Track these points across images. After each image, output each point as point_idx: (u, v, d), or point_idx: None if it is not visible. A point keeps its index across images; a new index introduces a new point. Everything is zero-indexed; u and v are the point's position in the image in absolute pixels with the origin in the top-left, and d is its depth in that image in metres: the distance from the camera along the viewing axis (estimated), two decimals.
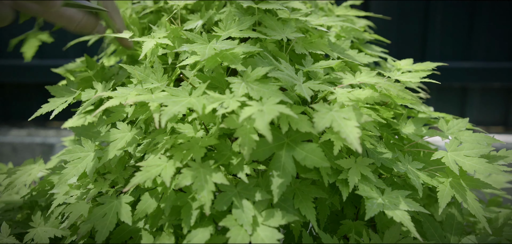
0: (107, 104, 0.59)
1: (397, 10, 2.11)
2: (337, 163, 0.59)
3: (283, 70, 0.60)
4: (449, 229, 0.66)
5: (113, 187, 0.65)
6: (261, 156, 0.56)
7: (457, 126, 0.71)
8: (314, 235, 0.66)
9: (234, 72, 0.69)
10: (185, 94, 0.57)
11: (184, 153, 0.57)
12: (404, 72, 0.75)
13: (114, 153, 0.63)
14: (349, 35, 0.84)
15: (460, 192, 0.63)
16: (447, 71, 2.09)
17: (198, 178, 0.54)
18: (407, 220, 0.56)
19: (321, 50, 0.70)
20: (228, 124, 0.55)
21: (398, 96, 0.63)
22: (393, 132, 0.73)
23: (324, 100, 0.62)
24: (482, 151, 0.65)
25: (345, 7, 0.97)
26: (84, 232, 0.61)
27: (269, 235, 0.53)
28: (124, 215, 0.59)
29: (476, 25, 2.10)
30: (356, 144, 0.50)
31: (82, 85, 0.76)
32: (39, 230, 0.67)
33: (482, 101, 2.21)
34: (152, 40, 0.69)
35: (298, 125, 0.55)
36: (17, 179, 0.74)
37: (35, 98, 2.26)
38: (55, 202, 0.66)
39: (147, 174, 0.55)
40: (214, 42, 0.63)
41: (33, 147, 2.09)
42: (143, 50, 0.67)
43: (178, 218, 0.57)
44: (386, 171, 0.66)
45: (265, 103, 0.53)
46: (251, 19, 0.68)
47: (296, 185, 0.60)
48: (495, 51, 2.14)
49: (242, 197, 0.56)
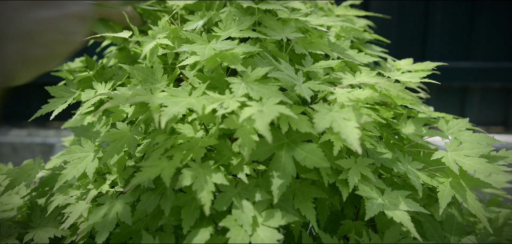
0: (107, 105, 0.59)
1: (397, 10, 2.11)
2: (337, 163, 0.59)
3: (283, 71, 0.60)
4: (449, 229, 0.66)
5: (113, 187, 0.64)
6: (261, 156, 0.56)
7: (457, 126, 0.71)
8: (314, 235, 0.66)
9: (234, 73, 0.69)
10: (185, 95, 0.57)
11: (184, 153, 0.57)
12: (404, 72, 0.75)
13: (114, 153, 0.63)
14: (349, 35, 0.84)
15: (460, 192, 0.63)
16: (447, 71, 2.09)
17: (198, 178, 0.54)
18: (407, 220, 0.56)
19: (321, 50, 0.70)
20: (228, 124, 0.55)
21: (398, 96, 0.63)
22: (393, 132, 0.73)
23: (324, 101, 0.62)
24: (482, 150, 0.65)
25: (345, 7, 0.97)
26: (84, 232, 0.61)
27: (269, 236, 0.53)
28: (124, 215, 0.59)
29: (476, 25, 2.10)
30: (356, 145, 0.50)
31: (82, 86, 0.76)
32: (39, 230, 0.67)
33: (482, 101, 2.21)
34: (152, 40, 0.69)
35: (298, 125, 0.55)
36: (17, 179, 0.74)
37: (35, 99, 2.26)
38: (55, 202, 0.66)
39: (147, 174, 0.55)
40: (213, 42, 0.63)
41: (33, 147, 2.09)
42: (143, 50, 0.67)
43: (178, 218, 0.57)
44: (386, 171, 0.66)
45: (265, 103, 0.53)
46: (250, 19, 0.68)
47: (296, 185, 0.60)
48: (495, 51, 2.13)
49: (242, 197, 0.56)
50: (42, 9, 0.47)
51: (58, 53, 0.50)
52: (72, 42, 0.52)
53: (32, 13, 0.45)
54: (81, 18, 0.53)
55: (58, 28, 0.49)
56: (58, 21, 0.49)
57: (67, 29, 0.50)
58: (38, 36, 0.46)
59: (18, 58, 0.44)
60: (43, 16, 0.47)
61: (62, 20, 0.49)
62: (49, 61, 0.50)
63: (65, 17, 0.50)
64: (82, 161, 0.66)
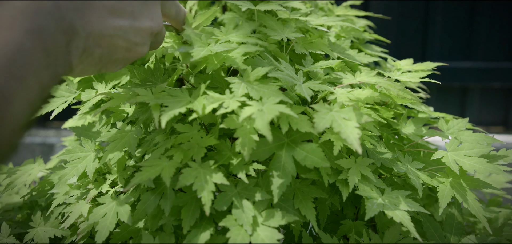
0: (107, 105, 0.59)
1: (397, 10, 2.11)
2: (337, 163, 0.59)
3: (283, 70, 0.60)
4: (449, 229, 0.66)
5: (113, 187, 0.65)
6: (261, 156, 0.56)
7: (457, 126, 0.71)
8: (314, 235, 0.66)
9: (234, 73, 0.69)
10: (185, 95, 0.57)
11: (184, 153, 0.57)
12: (404, 72, 0.75)
13: (114, 153, 0.63)
14: (349, 35, 0.84)
15: (460, 192, 0.63)
16: (447, 71, 2.09)
17: (198, 178, 0.54)
18: (407, 220, 0.56)
19: (321, 50, 0.70)
20: (228, 124, 0.55)
21: (398, 96, 0.63)
22: (393, 132, 0.73)
23: (324, 101, 0.62)
24: (482, 150, 0.65)
25: (345, 7, 0.97)
26: (84, 232, 0.61)
27: (269, 235, 0.53)
28: (124, 215, 0.59)
29: (476, 25, 2.10)
30: (356, 145, 0.50)
31: (82, 85, 0.76)
32: (39, 230, 0.67)
33: (482, 101, 2.21)
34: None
35: (298, 125, 0.55)
36: (17, 179, 0.74)
37: None
38: (55, 202, 0.66)
39: (147, 174, 0.55)
40: (212, 44, 0.63)
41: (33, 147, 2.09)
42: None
43: (178, 218, 0.57)
44: (386, 171, 0.66)
45: (265, 103, 0.53)
46: (251, 24, 0.68)
47: (296, 185, 0.60)
48: (495, 51, 2.14)
49: (242, 197, 0.56)
50: (119, 18, 0.48)
51: (120, 58, 0.51)
52: (135, 51, 0.52)
53: (108, 20, 0.47)
54: (151, 33, 0.54)
55: (127, 37, 0.50)
56: (129, 31, 0.50)
57: (136, 40, 0.51)
58: (106, 40, 0.47)
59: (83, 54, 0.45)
60: (117, 24, 0.48)
61: (134, 31, 0.50)
62: (109, 65, 0.51)
63: (136, 29, 0.51)
64: (82, 160, 0.66)
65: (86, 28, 0.44)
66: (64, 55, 0.42)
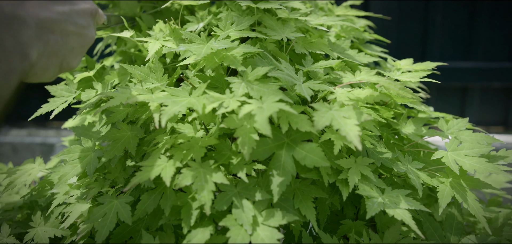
0: (107, 104, 0.59)
1: (397, 10, 2.11)
2: (337, 162, 0.59)
3: (283, 70, 0.60)
4: (449, 229, 0.66)
5: (113, 187, 0.65)
6: (261, 155, 0.56)
7: (457, 126, 0.71)
8: (314, 235, 0.66)
9: (234, 72, 0.69)
10: (185, 94, 0.57)
11: (184, 153, 0.57)
12: (404, 72, 0.75)
13: (114, 153, 0.63)
14: (349, 35, 0.84)
15: (460, 192, 0.63)
16: (447, 71, 2.09)
17: (198, 178, 0.54)
18: (408, 218, 0.56)
19: (321, 50, 0.70)
20: (228, 123, 0.55)
21: (398, 95, 0.63)
22: (393, 131, 0.73)
23: (324, 100, 0.62)
24: (482, 150, 0.65)
25: (345, 7, 0.97)
26: (84, 232, 0.61)
27: (269, 235, 0.53)
28: (124, 215, 0.59)
29: (476, 25, 2.10)
30: (356, 142, 0.50)
31: (82, 85, 0.76)
32: (39, 230, 0.67)
33: (482, 101, 2.21)
34: (157, 42, 0.69)
35: (298, 124, 0.55)
36: (17, 179, 0.74)
37: (35, 98, 2.26)
38: (55, 202, 0.66)
39: (147, 174, 0.55)
40: (212, 42, 0.63)
41: (33, 147, 2.09)
42: (149, 52, 0.67)
43: (178, 218, 0.57)
44: (386, 171, 0.66)
45: (265, 101, 0.53)
46: (250, 19, 0.68)
47: (296, 185, 0.60)
48: (495, 51, 2.13)
49: (242, 197, 0.56)
50: (58, 5, 0.50)
51: (75, 45, 0.54)
52: (86, 35, 0.55)
53: (49, 6, 0.49)
54: (91, 14, 0.57)
55: (72, 21, 0.52)
56: (71, 14, 0.52)
57: (82, 23, 0.54)
58: (55, 25, 0.49)
59: (38, 43, 0.47)
60: (58, 9, 0.50)
61: (75, 14, 0.53)
62: (68, 54, 0.53)
63: (77, 11, 0.54)
64: (82, 160, 0.66)
65: (32, 15, 0.45)
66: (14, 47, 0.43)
